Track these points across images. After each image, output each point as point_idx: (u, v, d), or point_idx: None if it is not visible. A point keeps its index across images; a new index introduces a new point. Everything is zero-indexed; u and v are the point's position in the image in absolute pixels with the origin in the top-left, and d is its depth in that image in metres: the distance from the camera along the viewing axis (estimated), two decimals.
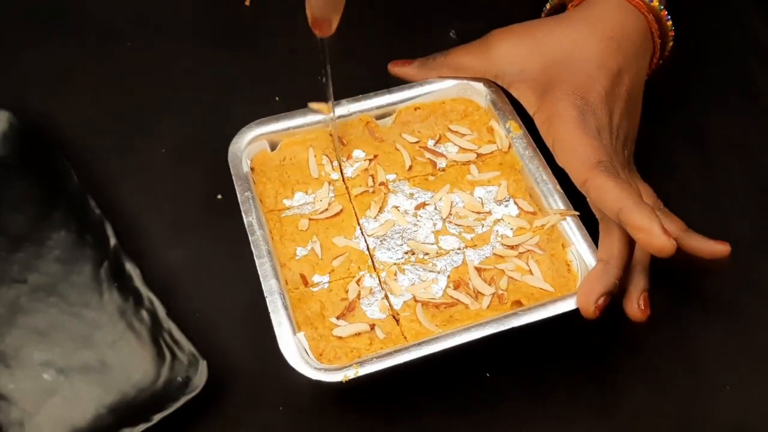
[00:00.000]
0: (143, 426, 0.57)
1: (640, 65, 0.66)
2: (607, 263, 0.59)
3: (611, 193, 0.57)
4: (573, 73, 0.64)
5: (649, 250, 0.56)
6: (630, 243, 0.59)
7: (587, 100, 0.62)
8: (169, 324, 0.62)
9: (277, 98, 0.76)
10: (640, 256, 0.62)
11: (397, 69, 0.72)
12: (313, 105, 0.68)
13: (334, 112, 0.66)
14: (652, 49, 0.67)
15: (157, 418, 0.58)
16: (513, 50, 0.66)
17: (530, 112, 0.65)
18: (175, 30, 0.82)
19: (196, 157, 0.72)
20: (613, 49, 0.64)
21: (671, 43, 0.68)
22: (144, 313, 0.62)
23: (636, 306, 0.59)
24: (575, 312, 0.58)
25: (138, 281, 0.63)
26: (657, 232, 0.54)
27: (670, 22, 0.67)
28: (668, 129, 0.67)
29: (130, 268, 0.64)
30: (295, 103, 0.69)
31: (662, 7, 0.66)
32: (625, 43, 0.65)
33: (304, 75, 0.77)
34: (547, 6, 0.72)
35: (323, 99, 0.69)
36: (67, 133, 0.73)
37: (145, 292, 0.63)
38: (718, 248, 0.62)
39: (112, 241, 0.65)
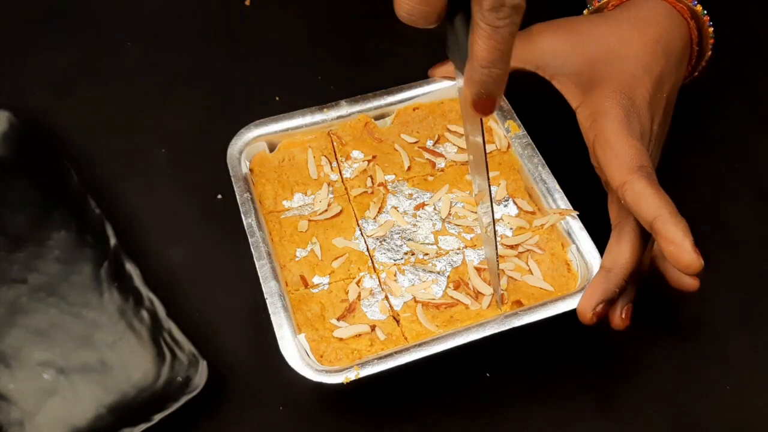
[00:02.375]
0: (143, 426, 0.57)
1: (680, 73, 0.65)
2: (609, 271, 0.58)
3: (649, 201, 0.56)
4: (619, 72, 0.62)
5: (676, 264, 0.55)
6: (637, 254, 0.58)
7: (633, 101, 0.60)
8: (169, 324, 0.61)
9: (277, 98, 0.75)
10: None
11: (437, 71, 0.70)
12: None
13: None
14: (689, 57, 0.66)
15: (157, 418, 0.57)
16: (557, 43, 0.64)
17: (573, 105, 0.63)
18: (175, 30, 0.81)
19: (196, 157, 0.72)
20: (659, 54, 0.63)
21: (709, 53, 0.67)
22: (144, 313, 0.62)
23: (618, 314, 0.58)
24: (575, 312, 0.57)
25: (138, 281, 0.63)
26: (688, 248, 0.54)
27: (711, 29, 0.65)
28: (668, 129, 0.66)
29: (130, 268, 0.63)
30: (295, 103, 0.68)
31: (705, 12, 0.65)
32: (669, 48, 0.63)
33: (304, 75, 0.78)
34: (585, 12, 0.69)
35: (323, 99, 0.68)
36: (67, 133, 0.72)
37: (145, 292, 0.62)
38: (686, 281, 0.59)
39: (112, 241, 0.64)
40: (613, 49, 0.63)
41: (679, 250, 0.54)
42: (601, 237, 0.61)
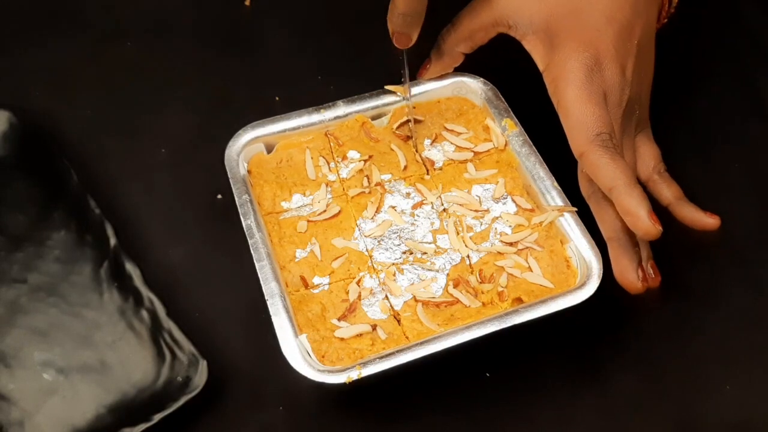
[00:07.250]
0: (143, 426, 0.55)
1: (650, 17, 0.62)
2: (618, 239, 0.58)
3: (604, 171, 0.55)
4: (581, 27, 0.59)
5: (636, 232, 0.55)
6: None
7: (597, 57, 0.58)
8: (169, 324, 0.59)
9: (277, 98, 0.74)
10: None
11: (425, 74, 0.68)
12: (390, 87, 0.67)
13: (410, 93, 0.67)
14: (661, 1, 0.63)
15: (157, 417, 0.56)
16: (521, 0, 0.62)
17: (540, 68, 0.61)
18: (175, 30, 0.80)
19: (196, 157, 0.70)
20: (622, 1, 0.60)
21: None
22: (144, 313, 0.60)
23: (635, 276, 0.57)
24: (576, 309, 0.56)
25: (138, 281, 0.61)
26: (643, 216, 0.54)
27: None
28: (669, 129, 0.65)
29: (130, 268, 0.61)
30: (295, 104, 0.67)
31: None
32: None
33: (303, 75, 0.76)
34: None
35: (323, 99, 0.67)
36: (67, 133, 0.71)
37: (145, 292, 0.61)
38: (707, 221, 0.60)
39: (112, 241, 0.63)
40: (575, 2, 0.60)
41: (635, 220, 0.54)
42: (600, 233, 0.59)
